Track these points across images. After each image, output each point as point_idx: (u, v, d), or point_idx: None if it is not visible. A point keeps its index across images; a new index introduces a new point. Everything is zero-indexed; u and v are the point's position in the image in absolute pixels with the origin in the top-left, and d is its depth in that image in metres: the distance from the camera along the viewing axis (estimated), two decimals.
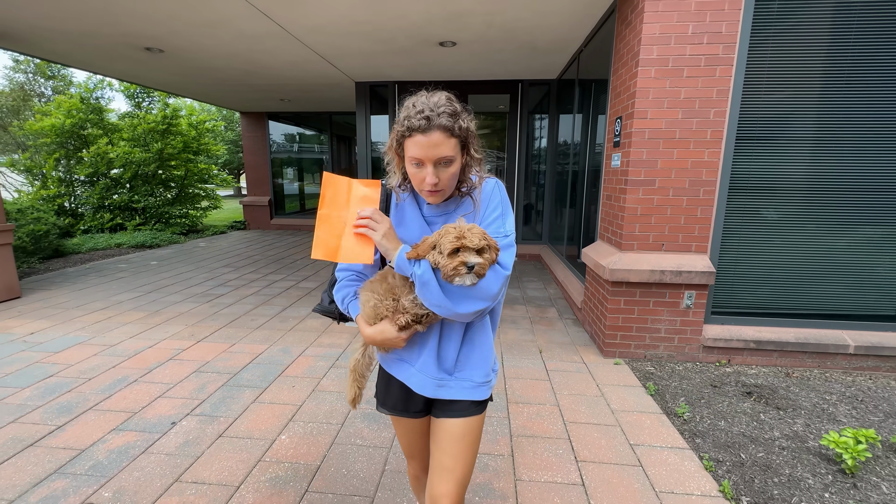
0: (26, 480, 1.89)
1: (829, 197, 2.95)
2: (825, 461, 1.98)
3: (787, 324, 3.08)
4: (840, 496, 1.76)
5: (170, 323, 3.82)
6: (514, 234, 1.04)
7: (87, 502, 1.77)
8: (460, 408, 1.09)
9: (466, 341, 1.09)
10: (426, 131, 0.93)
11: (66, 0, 3.52)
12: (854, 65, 2.79)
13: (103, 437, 2.19)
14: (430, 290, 0.95)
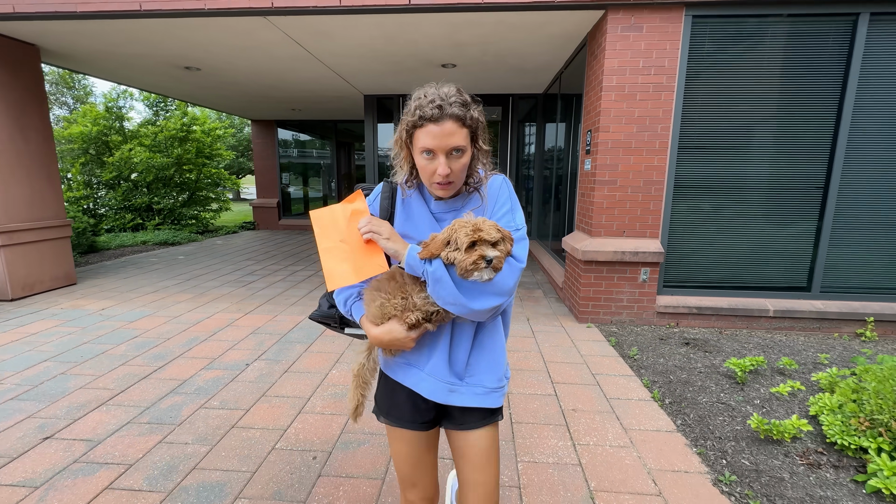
0: (152, 397, 2.60)
1: (750, 192, 3.76)
2: (726, 378, 2.76)
3: (722, 294, 3.88)
4: (730, 395, 2.54)
5: (216, 301, 4.52)
6: (525, 228, 1.03)
7: (201, 408, 2.48)
8: (477, 418, 1.05)
9: (477, 344, 1.05)
10: (438, 120, 0.92)
11: (134, 32, 4.24)
12: (762, 91, 3.61)
13: (197, 373, 2.90)
14: (444, 286, 0.91)
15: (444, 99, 0.93)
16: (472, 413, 1.05)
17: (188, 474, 1.93)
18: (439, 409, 1.09)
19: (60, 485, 1.86)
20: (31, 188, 4.64)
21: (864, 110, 3.52)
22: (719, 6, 3.44)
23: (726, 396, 2.53)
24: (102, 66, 5.50)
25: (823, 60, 3.52)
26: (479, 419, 1.05)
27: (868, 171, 3.62)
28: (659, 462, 2.02)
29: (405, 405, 1.08)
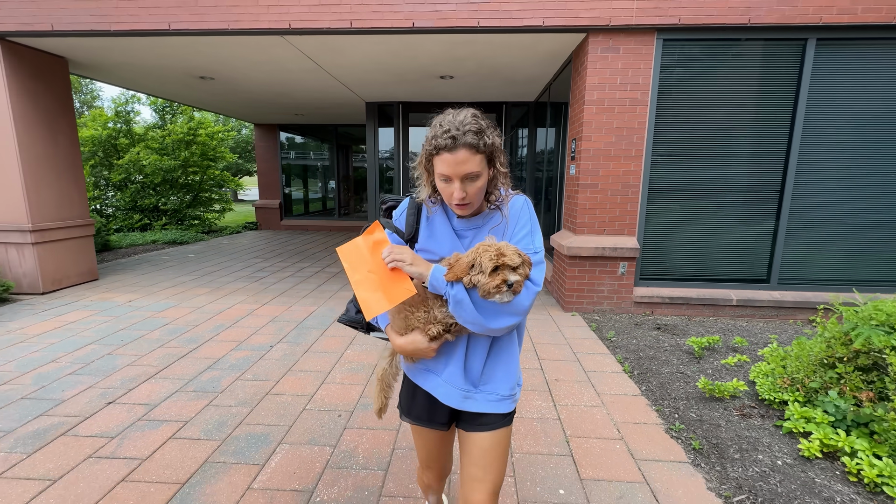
0: (192, 372, 3.00)
1: (716, 195, 4.23)
2: (687, 354, 3.22)
3: (691, 285, 4.34)
4: (687, 367, 2.99)
5: (233, 295, 4.91)
6: (542, 251, 1.08)
7: (237, 380, 2.88)
8: (488, 421, 1.11)
9: (492, 355, 1.11)
10: (452, 150, 0.97)
11: (159, 47, 4.63)
12: (724, 105, 4.08)
13: (228, 353, 3.30)
14: (464, 308, 0.98)
15: (459, 128, 0.98)
16: (485, 417, 1.11)
17: (236, 428, 2.34)
18: (455, 412, 1.16)
19: (132, 436, 2.26)
20: (59, 190, 5.01)
21: (813, 123, 4.01)
22: (686, 31, 3.90)
23: (684, 368, 2.98)
24: (124, 76, 5.87)
25: (778, 78, 4.00)
26: (490, 422, 1.11)
27: (817, 177, 4.11)
28: (623, 417, 2.46)
29: (424, 407, 1.16)
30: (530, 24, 3.90)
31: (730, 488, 1.87)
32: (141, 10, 4.08)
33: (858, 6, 3.70)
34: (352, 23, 3.99)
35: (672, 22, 3.82)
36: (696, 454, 2.11)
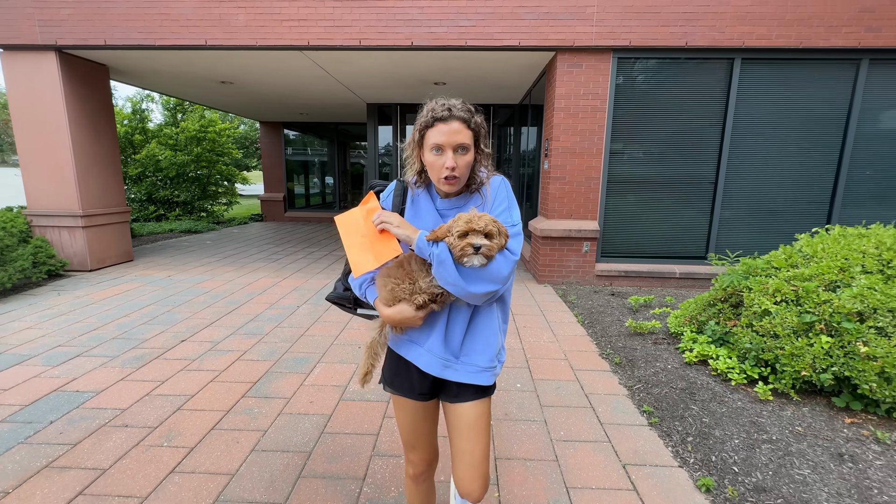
0: (240, 322, 3.81)
1: (662, 187, 5.10)
2: (628, 310, 4.09)
3: (643, 261, 5.22)
4: (625, 317, 3.86)
5: (256, 272, 5.71)
6: (520, 224, 1.15)
7: (277, 327, 3.70)
8: (468, 393, 1.18)
9: (472, 328, 1.17)
10: (447, 120, 1.09)
11: (192, 58, 5.38)
12: (669, 111, 4.94)
13: (265, 311, 4.11)
14: (446, 268, 1.04)
15: (452, 105, 1.11)
16: (465, 388, 1.17)
17: (283, 354, 3.17)
18: (436, 384, 1.22)
19: (208, 359, 3.08)
20: (102, 181, 5.76)
21: (740, 126, 4.89)
22: (636, 51, 4.75)
23: (622, 318, 3.86)
24: (154, 80, 6.61)
25: (712, 90, 4.87)
26: (470, 394, 1.17)
27: (743, 172, 4.99)
28: (570, 347, 3.32)
29: (406, 377, 1.21)
30: (508, 45, 4.73)
31: (632, 382, 2.74)
32: (181, 28, 4.84)
33: (773, 33, 4.57)
34: (360, 41, 4.79)
35: (624, 44, 4.66)
36: (616, 366, 2.97)
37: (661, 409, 2.43)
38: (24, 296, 4.49)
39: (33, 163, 5.31)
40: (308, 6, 4.72)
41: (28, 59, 5.07)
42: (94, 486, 1.84)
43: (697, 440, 2.13)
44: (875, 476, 1.85)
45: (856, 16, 4.50)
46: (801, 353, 2.33)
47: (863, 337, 2.21)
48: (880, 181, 4.93)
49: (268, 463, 2.00)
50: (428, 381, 1.21)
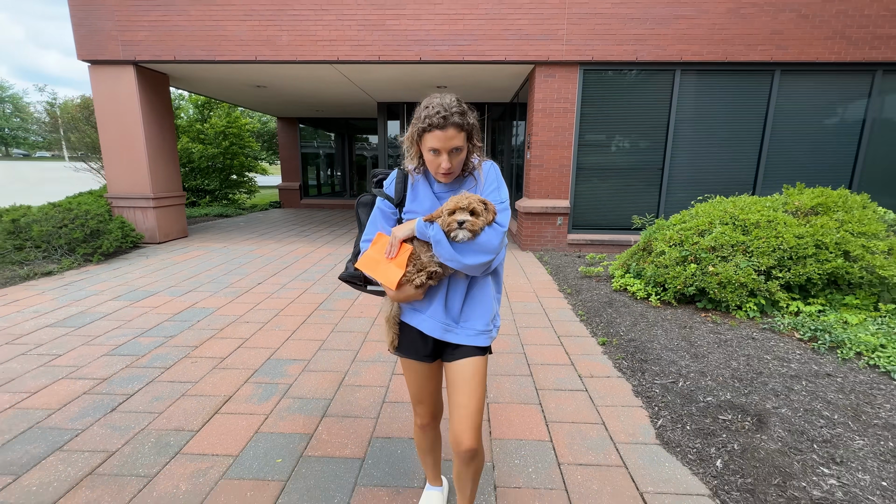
0: (295, 273, 5.11)
1: (620, 172, 6.37)
2: (585, 263, 5.40)
3: (606, 232, 6.51)
4: (580, 266, 5.18)
5: (293, 244, 7.00)
6: (508, 201, 1.31)
7: (323, 277, 5.00)
8: (466, 353, 1.33)
9: (469, 297, 1.33)
10: (443, 128, 1.18)
11: (240, 69, 6.61)
12: (624, 112, 6.19)
13: (311, 267, 5.41)
14: (442, 246, 1.21)
15: (447, 109, 1.18)
16: (463, 349, 1.33)
17: (334, 291, 4.47)
18: (437, 347, 1.38)
19: (281, 293, 4.38)
20: (166, 170, 7.02)
21: (681, 124, 6.15)
22: (597, 64, 5.99)
23: (579, 268, 5.17)
24: (203, 86, 7.84)
25: (659, 95, 6.11)
26: (467, 353, 1.33)
27: (684, 161, 6.26)
28: (538, 286, 4.63)
29: (411, 342, 1.38)
30: (497, 59, 5.97)
31: (575, 301, 4.05)
32: (236, 47, 6.07)
33: (704, 50, 5.81)
34: (379, 57, 6.02)
35: (588, 59, 5.90)
36: (567, 294, 4.28)
37: (589, 312, 3.74)
38: (119, 260, 5.78)
39: (114, 156, 6.57)
40: (338, 30, 5.94)
41: (111, 71, 6.30)
42: (247, 343, 3.15)
43: (605, 324, 3.45)
44: (699, 335, 3.16)
45: (768, 37, 5.73)
46: (679, 275, 3.64)
47: (712, 262, 3.52)
48: (790, 163, 6.20)
49: (343, 337, 3.32)
50: (430, 345, 1.36)
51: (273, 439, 2.10)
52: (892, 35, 5.65)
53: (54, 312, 3.76)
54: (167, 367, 2.81)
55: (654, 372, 2.67)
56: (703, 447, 1.99)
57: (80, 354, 2.98)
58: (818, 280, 3.35)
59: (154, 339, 3.23)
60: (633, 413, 2.31)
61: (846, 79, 5.93)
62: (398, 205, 1.37)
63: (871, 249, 3.31)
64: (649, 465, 1.92)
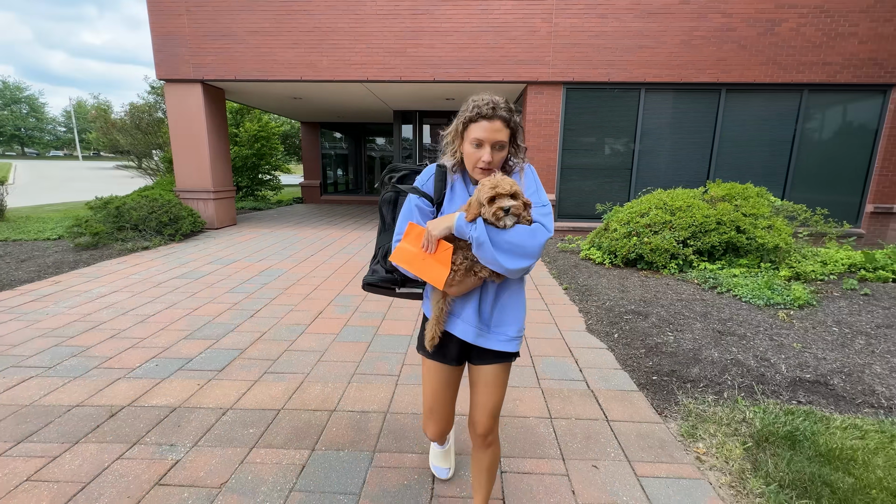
0: (335, 250, 6.54)
1: (597, 171, 7.77)
2: (564, 241, 6.81)
3: (584, 221, 7.90)
4: (559, 244, 6.58)
5: (327, 229, 8.44)
6: (549, 205, 1.27)
7: (362, 249, 6.42)
8: (493, 358, 1.33)
9: (500, 300, 1.30)
10: (491, 118, 1.19)
11: (285, 86, 8.05)
12: (600, 123, 7.59)
13: (347, 245, 6.85)
14: (484, 249, 1.13)
15: (496, 104, 1.21)
16: (490, 353, 1.33)
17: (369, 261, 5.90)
18: (463, 351, 1.37)
19: (330, 262, 5.81)
20: (222, 168, 8.47)
21: (646, 135, 7.54)
22: (577, 84, 7.39)
23: (558, 245, 6.57)
24: (250, 98, 9.31)
25: (627, 110, 7.50)
26: (494, 358, 1.33)
27: (648, 163, 7.65)
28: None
29: (440, 344, 1.35)
30: (496, 80, 7.38)
31: (552, 267, 5.45)
32: (285, 70, 7.51)
33: (664, 73, 7.20)
34: (401, 77, 7.45)
35: (570, 79, 7.30)
36: (546, 263, 5.69)
37: (560, 272, 5.15)
38: (193, 240, 7.24)
39: (183, 157, 8.03)
40: (368, 56, 7.38)
41: (183, 88, 7.76)
42: (320, 286, 4.59)
43: (569, 278, 4.86)
44: (630, 283, 4.56)
45: (715, 63, 7.11)
46: (625, 245, 5.03)
47: (647, 235, 4.92)
48: (737, 165, 7.57)
49: None
50: (457, 348, 1.36)
51: (356, 329, 3.53)
52: (814, 62, 7.02)
53: (172, 270, 5.21)
54: (273, 298, 4.24)
55: (593, 300, 4.08)
56: (609, 330, 3.40)
57: (210, 292, 4.42)
58: (719, 246, 4.74)
59: (254, 285, 4.67)
60: (575, 319, 3.72)
61: (779, 96, 7.30)
62: (437, 203, 1.32)
63: (756, 225, 4.70)
64: (578, 338, 3.33)
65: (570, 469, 1.93)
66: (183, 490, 1.80)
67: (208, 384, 2.64)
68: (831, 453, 1.95)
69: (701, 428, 2.20)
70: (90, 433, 2.16)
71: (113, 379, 2.69)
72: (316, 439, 2.13)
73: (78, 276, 4.95)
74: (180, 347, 3.14)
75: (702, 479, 1.88)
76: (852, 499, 1.69)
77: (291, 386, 2.62)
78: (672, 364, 2.82)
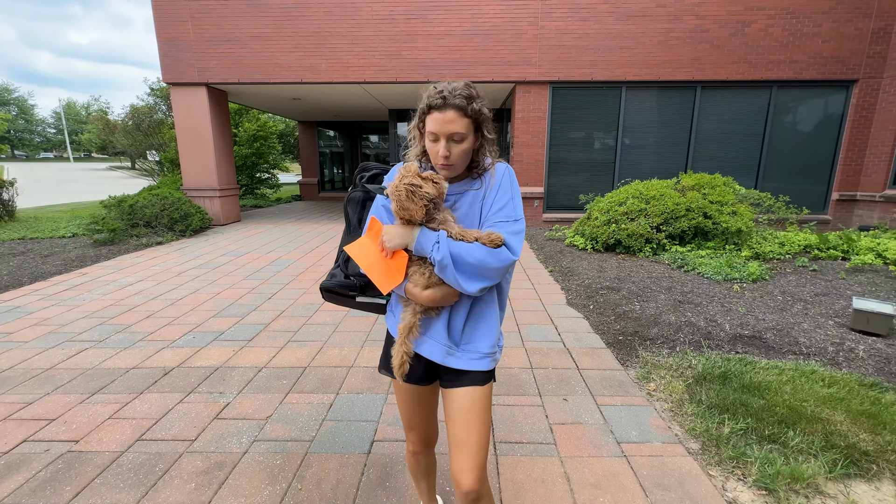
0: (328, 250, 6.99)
1: (583, 166, 8.26)
2: (548, 229, 7.30)
3: (570, 212, 8.40)
4: (546, 233, 7.07)
5: (328, 223, 8.87)
6: (523, 219, 1.12)
7: None
8: (467, 378, 1.17)
9: (472, 316, 1.17)
10: (442, 109, 1.07)
11: (286, 88, 8.45)
12: (584, 119, 8.07)
13: None
14: (448, 272, 1.04)
15: (451, 92, 1.08)
16: (463, 374, 1.17)
17: None
18: (430, 369, 1.23)
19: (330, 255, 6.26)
20: (226, 167, 8.86)
21: (628, 129, 8.03)
22: (563, 83, 7.86)
23: (545, 234, 7.06)
24: (252, 100, 9.68)
25: (610, 106, 7.99)
26: (468, 380, 1.17)
27: (630, 157, 8.15)
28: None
29: None
30: (487, 80, 7.83)
31: (539, 253, 5.94)
32: (286, 72, 7.91)
33: (643, 72, 7.68)
34: (396, 79, 7.88)
35: (555, 79, 7.77)
36: (534, 249, 6.18)
37: (546, 257, 5.64)
38: (203, 235, 7.64)
39: (190, 157, 8.41)
40: (364, 59, 7.79)
41: (188, 91, 8.13)
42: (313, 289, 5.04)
43: (554, 262, 5.34)
44: (608, 265, 5.05)
45: (690, 62, 7.61)
46: (605, 231, 5.53)
47: (625, 222, 5.41)
48: (712, 157, 8.09)
49: None
50: (422, 367, 1.22)
51: None
52: (782, 60, 7.54)
53: (189, 262, 5.64)
54: (286, 283, 4.69)
55: (574, 280, 4.58)
56: (585, 303, 3.89)
57: (228, 279, 4.86)
58: (689, 231, 5.25)
59: (267, 273, 5.12)
60: (557, 295, 4.21)
61: (751, 92, 7.82)
62: None
63: (721, 211, 5.21)
64: (559, 310, 3.81)
65: (545, 402, 2.42)
66: (237, 421, 2.26)
67: (241, 350, 3.09)
68: (752, 385, 2.45)
69: (654, 373, 2.69)
70: (151, 386, 2.61)
71: (158, 348, 3.13)
72: (339, 386, 2.60)
73: (102, 268, 5.36)
74: (211, 324, 3.58)
75: (649, 406, 2.37)
76: (761, 413, 2.19)
77: (313, 350, 3.09)
78: (636, 326, 3.31)
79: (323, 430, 2.18)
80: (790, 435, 2.02)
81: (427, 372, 1.24)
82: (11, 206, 9.28)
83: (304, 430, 2.18)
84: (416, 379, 1.24)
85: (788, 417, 2.15)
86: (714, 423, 2.15)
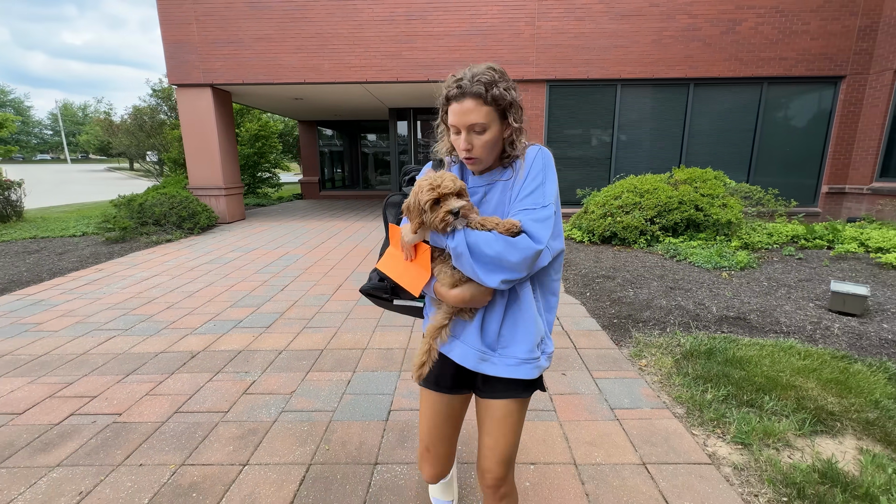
0: (342, 238, 7.19)
1: (579, 161, 8.47)
2: None
3: (569, 207, 8.61)
4: None
5: (331, 221, 9.07)
6: (553, 205, 1.01)
7: (363, 240, 7.08)
8: (504, 389, 1.08)
9: (509, 316, 1.05)
10: (459, 99, 0.98)
11: (289, 88, 8.63)
12: (580, 116, 8.28)
13: (353, 234, 7.50)
14: (464, 260, 0.96)
15: (470, 79, 0.98)
16: (501, 383, 1.07)
17: (374, 247, 6.55)
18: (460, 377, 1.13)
19: (341, 247, 6.47)
20: (231, 166, 9.05)
21: (624, 126, 8.25)
22: (559, 81, 8.07)
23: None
24: (256, 100, 9.87)
25: (606, 103, 8.20)
26: (504, 390, 1.08)
27: (626, 152, 8.37)
28: None
29: (433, 368, 1.11)
30: None
31: None
32: (290, 73, 8.09)
33: (637, 70, 7.89)
34: (397, 79, 8.07)
35: (552, 77, 7.98)
36: None
37: None
38: (210, 233, 7.84)
39: (196, 156, 8.59)
40: (366, 59, 7.98)
41: (194, 92, 8.31)
42: (335, 266, 5.24)
43: None
44: (604, 256, 5.27)
45: (683, 59, 7.83)
46: (601, 224, 5.75)
47: (620, 215, 5.63)
48: (705, 152, 8.32)
49: None
50: (452, 374, 1.13)
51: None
52: (772, 57, 7.76)
53: (200, 258, 5.84)
54: (296, 276, 4.90)
55: (572, 270, 4.80)
56: (582, 290, 4.12)
57: (240, 273, 5.06)
58: (681, 223, 5.48)
59: (277, 267, 5.32)
60: None
61: (742, 89, 8.04)
62: None
63: (712, 204, 5.44)
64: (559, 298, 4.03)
65: (546, 376, 2.64)
66: (264, 396, 2.48)
67: (261, 336, 3.31)
68: (734, 359, 2.67)
69: (645, 351, 2.92)
70: (181, 367, 2.83)
71: (182, 335, 3.34)
72: (355, 365, 2.81)
73: (117, 264, 5.56)
74: (229, 313, 3.79)
75: (640, 378, 2.59)
76: (741, 382, 2.42)
77: (328, 335, 3.30)
78: (629, 311, 3.54)
79: (344, 402, 2.40)
80: (766, 400, 2.25)
81: (457, 380, 1.15)
82: (20, 206, 9.44)
83: (327, 402, 2.40)
84: (443, 386, 1.15)
85: (765, 385, 2.37)
86: (698, 392, 2.37)
